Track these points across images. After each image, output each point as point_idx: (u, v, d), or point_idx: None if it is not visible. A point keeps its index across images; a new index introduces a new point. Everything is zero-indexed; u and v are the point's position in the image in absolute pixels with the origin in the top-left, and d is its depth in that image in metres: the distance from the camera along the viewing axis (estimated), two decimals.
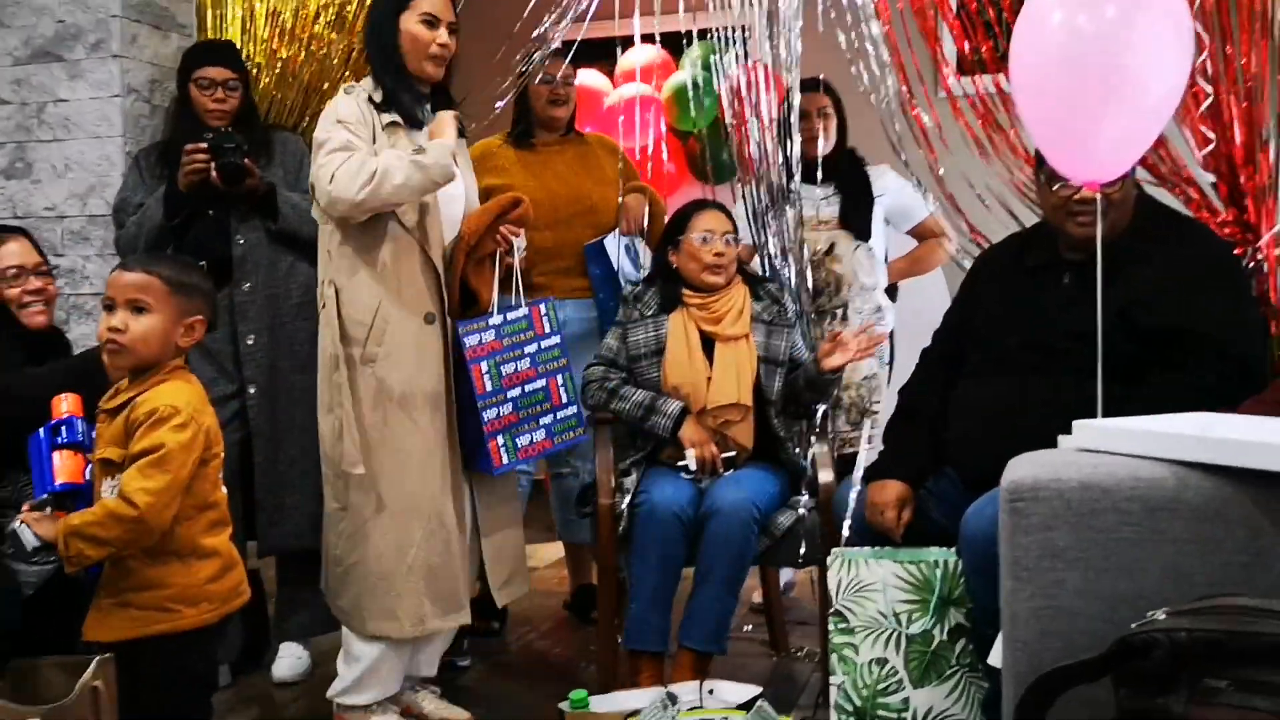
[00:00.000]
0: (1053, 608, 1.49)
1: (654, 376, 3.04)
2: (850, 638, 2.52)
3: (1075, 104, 1.74)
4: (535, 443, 2.83)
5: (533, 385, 2.83)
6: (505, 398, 2.77)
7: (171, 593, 2.06)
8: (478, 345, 2.75)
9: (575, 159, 3.59)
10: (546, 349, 2.88)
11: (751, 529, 2.84)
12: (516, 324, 2.83)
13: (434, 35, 2.73)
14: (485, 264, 2.81)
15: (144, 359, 2.10)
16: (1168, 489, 1.46)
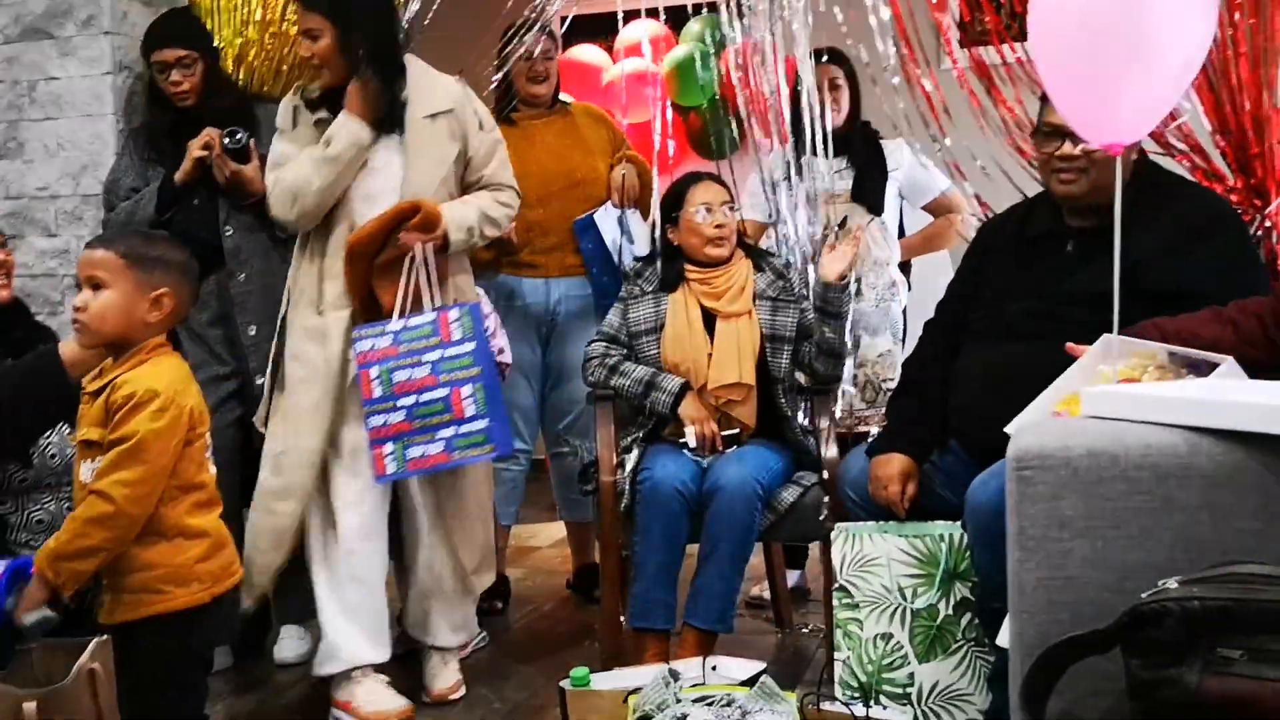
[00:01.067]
0: (1061, 578, 1.46)
1: (654, 353, 3.00)
2: (855, 613, 2.49)
3: (1096, 67, 1.70)
4: (429, 455, 2.70)
5: (431, 394, 2.70)
6: (396, 405, 2.69)
7: (161, 573, 2.03)
8: (369, 350, 2.72)
9: (561, 132, 3.55)
10: (453, 357, 2.72)
11: (755, 505, 2.81)
12: (418, 330, 2.72)
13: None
14: (393, 269, 2.75)
15: (107, 336, 2.06)
16: (1178, 456, 1.42)
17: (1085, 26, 1.70)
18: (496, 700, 2.91)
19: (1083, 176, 2.38)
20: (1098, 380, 1.99)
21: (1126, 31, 1.67)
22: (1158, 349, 1.95)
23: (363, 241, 2.72)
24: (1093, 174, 2.36)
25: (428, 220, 2.73)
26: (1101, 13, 1.68)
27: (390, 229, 2.72)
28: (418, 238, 2.73)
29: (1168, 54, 1.71)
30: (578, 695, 2.36)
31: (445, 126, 2.84)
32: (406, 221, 2.72)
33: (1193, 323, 2.10)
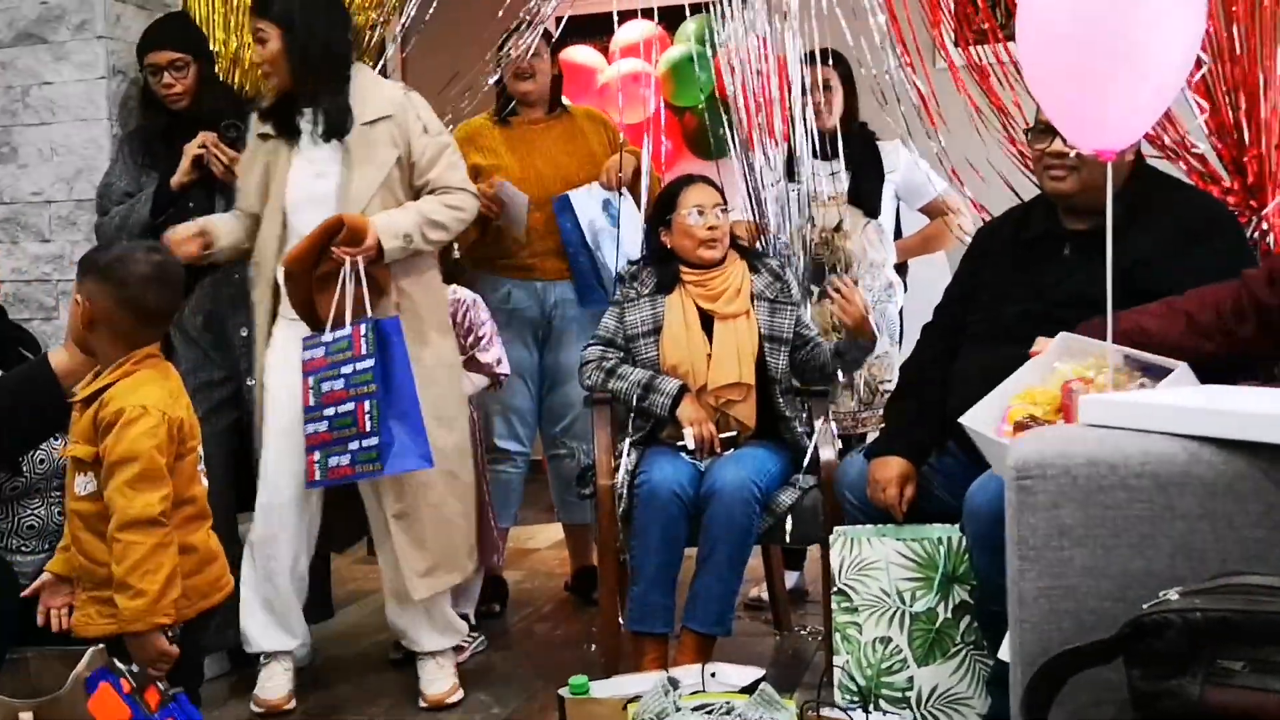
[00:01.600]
0: (1061, 587, 1.46)
1: (652, 355, 3.00)
2: (854, 616, 2.49)
3: (1084, 74, 1.70)
4: (340, 466, 2.73)
5: (344, 407, 2.73)
6: (322, 415, 2.75)
7: None
8: (310, 360, 2.78)
9: (561, 136, 3.55)
10: (360, 371, 2.72)
11: (753, 508, 2.81)
12: (340, 343, 2.75)
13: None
14: (332, 281, 2.77)
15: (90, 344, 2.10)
16: (1178, 464, 1.42)
17: (1073, 35, 1.70)
18: (495, 705, 2.90)
19: (1073, 174, 2.40)
20: (1053, 377, 2.03)
21: (1115, 39, 1.67)
22: (1114, 351, 1.97)
23: (298, 260, 2.75)
24: (1083, 172, 2.37)
25: (354, 234, 2.74)
26: (1089, 20, 1.68)
27: (322, 244, 2.75)
28: (348, 252, 2.74)
29: (1156, 61, 1.71)
30: (577, 703, 2.36)
31: (385, 132, 2.86)
32: (333, 237, 2.74)
33: (1145, 316, 2.13)
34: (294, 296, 2.80)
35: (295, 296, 2.79)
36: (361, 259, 2.74)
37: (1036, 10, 1.77)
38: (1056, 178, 2.44)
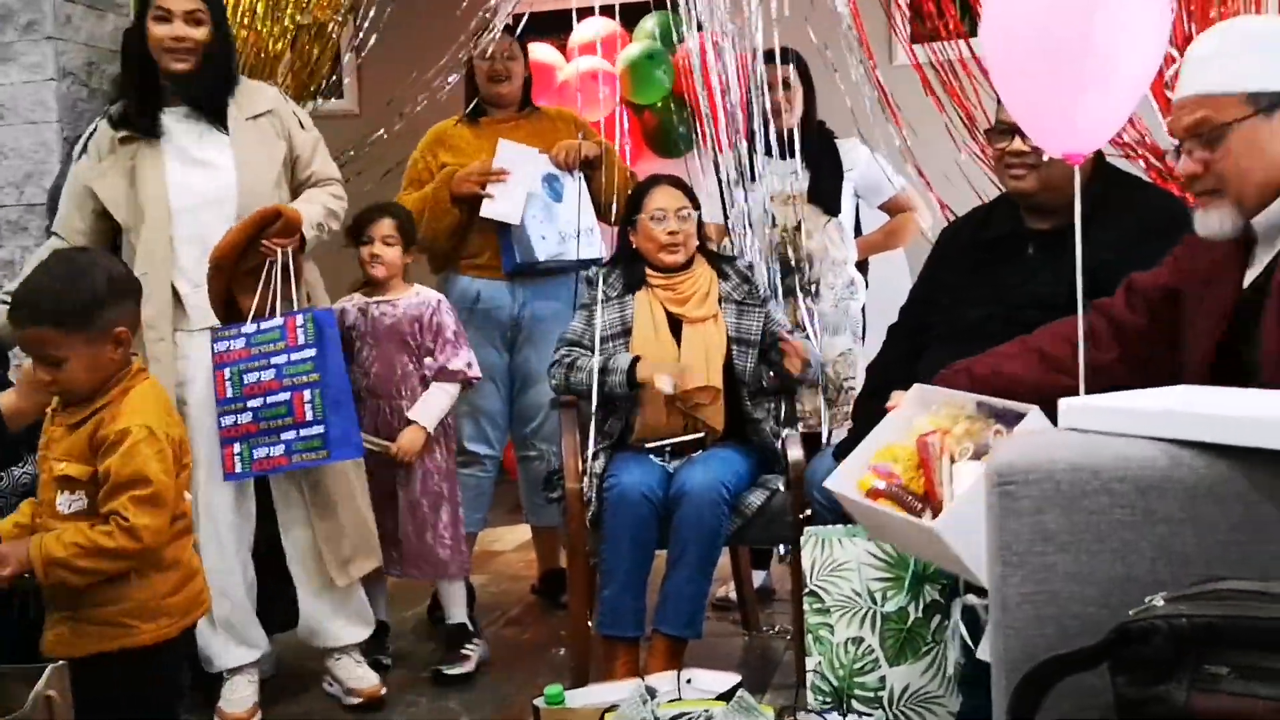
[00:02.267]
0: (1045, 592, 1.45)
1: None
2: (825, 618, 2.49)
3: (1052, 81, 1.71)
4: (272, 457, 2.74)
5: (275, 397, 2.73)
6: (245, 406, 2.74)
7: (128, 607, 1.97)
8: (224, 352, 2.75)
9: (531, 135, 3.52)
10: (296, 361, 2.74)
11: (722, 509, 2.80)
12: (268, 334, 2.75)
13: (168, 30, 2.75)
14: (256, 275, 2.77)
15: (88, 392, 2.00)
16: (1159, 468, 1.42)
17: (1040, 41, 1.70)
18: (465, 714, 2.88)
19: (1033, 172, 2.42)
20: (912, 432, 2.02)
21: (1081, 46, 1.68)
22: (967, 399, 1.97)
23: (227, 255, 2.71)
24: (1043, 170, 2.40)
25: (289, 225, 2.76)
26: (1056, 26, 1.69)
27: (253, 236, 2.73)
28: (282, 243, 2.75)
29: (1123, 67, 1.72)
30: (552, 714, 2.34)
31: (269, 126, 2.90)
32: (267, 228, 2.74)
33: (999, 359, 2.14)
34: (214, 291, 2.74)
35: (215, 291, 2.74)
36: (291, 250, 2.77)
37: (1003, 16, 1.78)
38: (1017, 176, 2.46)
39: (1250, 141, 1.77)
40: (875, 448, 2.06)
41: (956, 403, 2.02)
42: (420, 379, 3.15)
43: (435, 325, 3.15)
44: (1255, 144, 1.77)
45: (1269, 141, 1.77)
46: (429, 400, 3.11)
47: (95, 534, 1.91)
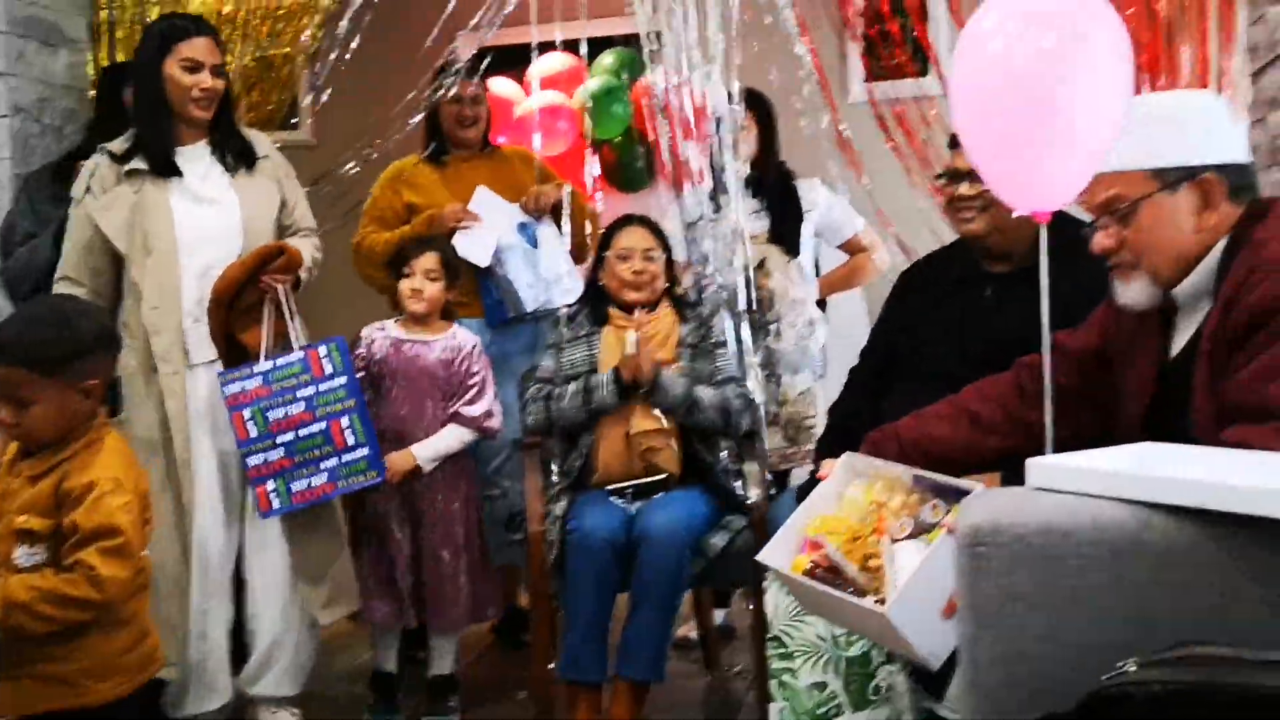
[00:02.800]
0: (1016, 654, 1.46)
1: None
2: (789, 663, 2.48)
3: (1019, 143, 1.74)
4: (315, 486, 2.80)
5: (309, 429, 2.80)
6: (274, 443, 2.78)
7: (81, 666, 1.93)
8: (239, 393, 2.78)
9: (490, 174, 3.52)
10: (327, 391, 2.83)
11: (685, 553, 2.80)
12: (288, 369, 2.81)
13: (196, 80, 2.81)
14: (254, 313, 2.81)
15: (50, 440, 1.97)
16: (1129, 531, 1.43)
17: (1006, 106, 1.73)
18: None
19: (981, 215, 2.47)
20: (847, 506, 2.00)
21: (1047, 111, 1.71)
22: (902, 471, 1.97)
23: (228, 289, 2.75)
24: (991, 212, 2.44)
25: (291, 262, 2.82)
26: (1021, 92, 1.72)
27: (254, 272, 2.78)
28: (282, 280, 2.81)
29: (1086, 129, 1.75)
30: None
31: (268, 170, 2.96)
32: (268, 263, 2.79)
33: (927, 421, 2.15)
34: (214, 326, 2.76)
35: (215, 326, 2.76)
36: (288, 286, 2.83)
37: (971, 78, 1.80)
38: (966, 219, 2.50)
39: (1158, 216, 1.81)
40: (807, 519, 2.02)
41: (891, 475, 2.00)
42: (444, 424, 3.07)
43: (465, 370, 3.08)
44: (1163, 218, 1.81)
45: (1176, 216, 1.81)
46: (436, 438, 3.03)
47: (60, 581, 1.88)
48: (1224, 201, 1.79)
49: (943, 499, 1.90)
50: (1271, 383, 1.62)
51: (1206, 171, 1.79)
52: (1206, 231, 1.80)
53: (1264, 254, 1.70)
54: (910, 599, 1.76)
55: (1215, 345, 1.73)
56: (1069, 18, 1.72)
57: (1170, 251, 1.82)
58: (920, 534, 1.88)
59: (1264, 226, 1.75)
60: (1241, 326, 1.68)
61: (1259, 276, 1.68)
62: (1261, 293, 1.66)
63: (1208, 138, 1.82)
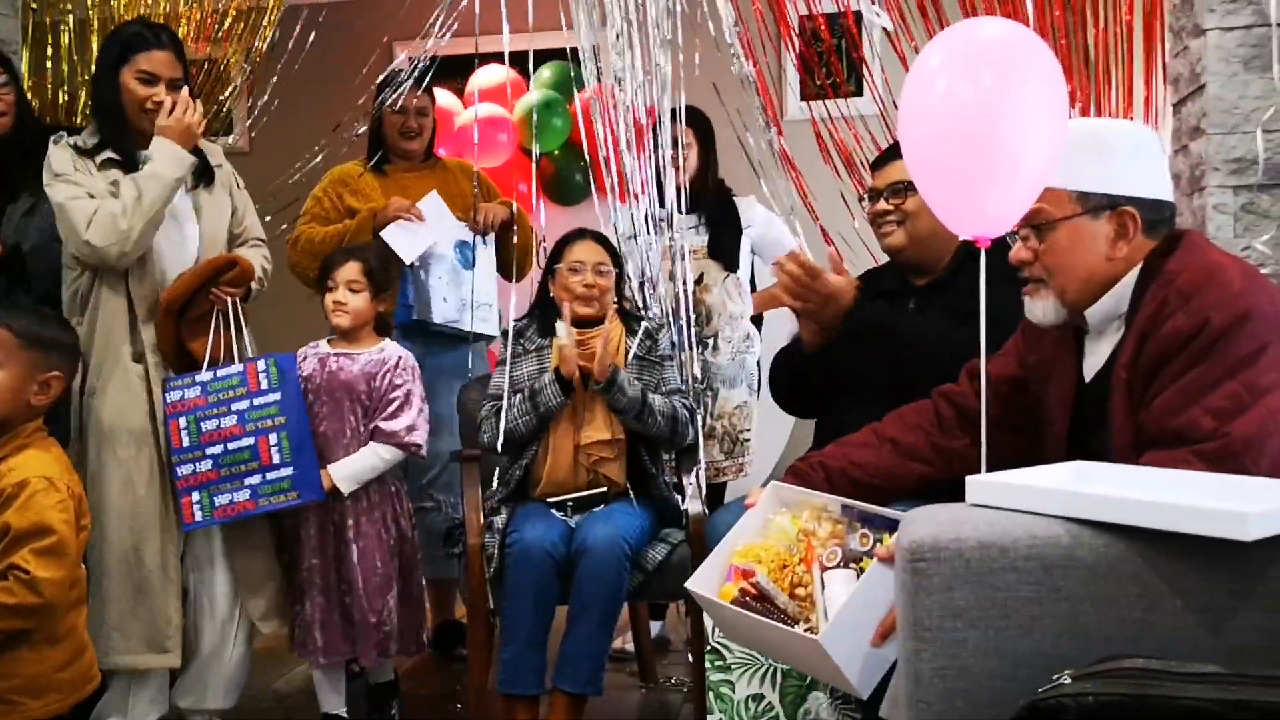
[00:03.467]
0: (955, 667, 1.50)
1: None
2: (727, 675, 2.51)
3: (962, 175, 1.80)
4: (236, 503, 2.79)
5: (238, 443, 2.80)
6: (204, 454, 2.77)
7: (16, 684, 1.90)
8: (178, 401, 2.78)
9: (433, 186, 3.52)
10: (260, 406, 2.83)
11: (624, 565, 2.81)
12: (227, 380, 2.81)
13: (150, 93, 2.79)
14: (204, 322, 2.82)
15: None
16: (1063, 546, 1.49)
17: (951, 142, 1.80)
18: None
19: (899, 228, 2.57)
20: (775, 535, 2.03)
21: (988, 146, 1.78)
22: (829, 501, 2.02)
23: (178, 298, 2.76)
24: (909, 225, 2.55)
25: (243, 275, 2.84)
26: (965, 130, 1.79)
27: (205, 283, 2.79)
28: (231, 292, 2.83)
29: (1027, 159, 1.82)
30: None
31: (220, 179, 2.95)
32: (220, 275, 2.80)
33: (851, 449, 2.21)
34: (163, 335, 2.76)
35: (165, 335, 2.76)
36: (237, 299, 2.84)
37: (918, 118, 1.86)
38: (886, 233, 2.60)
39: (1075, 239, 1.88)
40: (734, 548, 2.04)
41: (818, 504, 2.03)
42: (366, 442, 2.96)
43: (387, 384, 2.97)
44: (1079, 242, 1.88)
45: (1092, 241, 1.88)
46: (354, 457, 2.92)
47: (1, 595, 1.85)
48: (1139, 234, 1.87)
49: (870, 528, 1.94)
50: (1183, 411, 1.70)
51: (1128, 204, 1.86)
52: (1118, 260, 1.87)
53: (1175, 286, 1.78)
54: (843, 627, 1.80)
55: (1132, 375, 1.81)
56: (1007, 56, 1.79)
57: (1080, 273, 1.89)
58: (849, 563, 1.91)
59: (1176, 259, 1.83)
60: (1155, 358, 1.76)
61: (1171, 309, 1.76)
62: (1174, 325, 1.74)
63: (1134, 170, 1.89)
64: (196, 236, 2.87)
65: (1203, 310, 1.72)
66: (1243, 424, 1.65)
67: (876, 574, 1.80)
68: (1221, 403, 1.67)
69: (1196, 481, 1.59)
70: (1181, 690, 1.30)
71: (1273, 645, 1.43)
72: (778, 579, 1.97)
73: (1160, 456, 1.69)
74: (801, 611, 1.93)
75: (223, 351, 2.83)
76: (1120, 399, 1.83)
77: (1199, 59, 2.68)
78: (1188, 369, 1.72)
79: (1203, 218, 2.66)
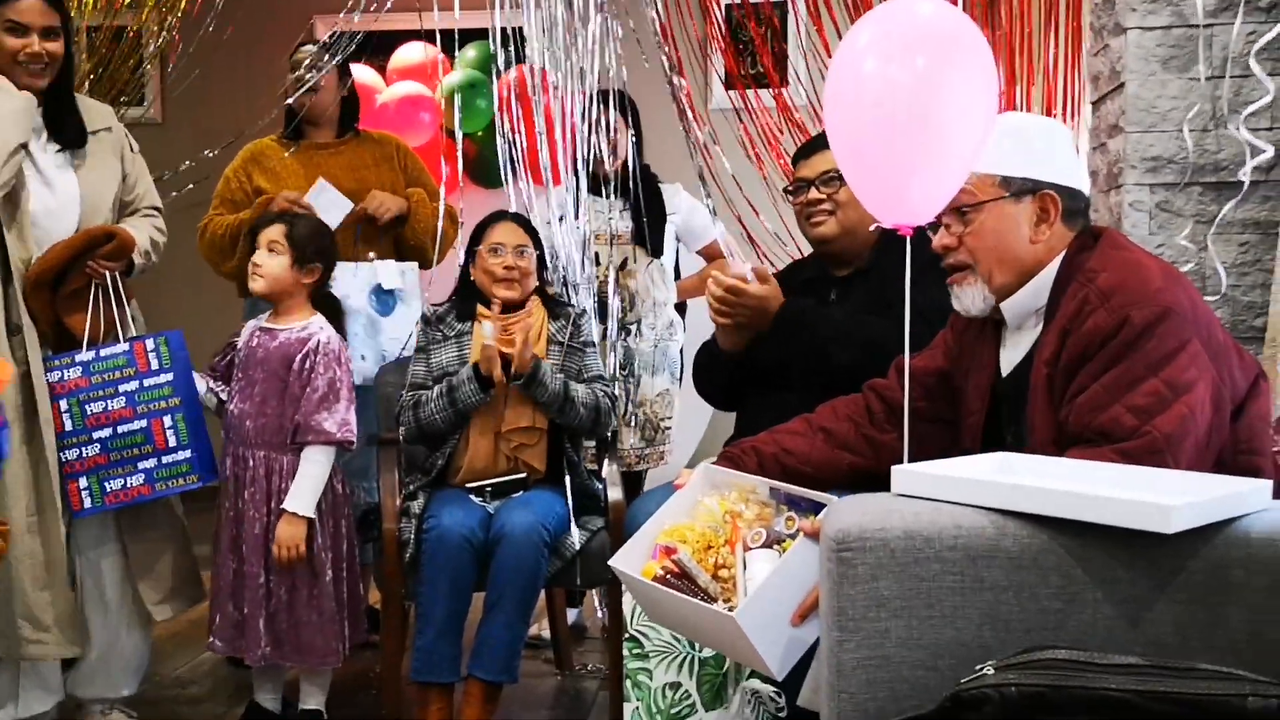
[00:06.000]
0: (878, 658, 1.50)
1: None
2: (644, 663, 2.50)
3: (889, 158, 1.79)
4: (130, 487, 2.69)
5: (128, 426, 2.69)
6: (90, 438, 2.67)
7: None
8: (59, 382, 2.65)
9: (350, 162, 3.42)
10: (151, 387, 2.72)
11: (542, 552, 2.79)
12: (112, 360, 2.70)
13: (22, 43, 2.63)
14: (81, 297, 2.69)
15: None
16: (987, 537, 1.49)
17: (880, 125, 1.79)
18: None
19: (830, 217, 2.57)
20: (702, 516, 2.02)
21: (917, 128, 1.77)
22: (758, 483, 2.02)
23: (48, 270, 2.61)
24: (839, 214, 2.55)
25: (122, 248, 2.70)
26: (893, 110, 1.77)
27: (78, 255, 2.65)
28: (109, 266, 2.69)
29: (955, 146, 1.81)
30: None
31: (109, 143, 2.81)
32: (96, 248, 2.66)
33: (784, 437, 2.23)
34: (35, 310, 2.61)
35: (38, 310, 2.62)
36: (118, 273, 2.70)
37: (844, 99, 1.85)
38: (817, 223, 2.59)
39: (999, 221, 1.91)
40: (660, 528, 2.03)
41: (747, 486, 2.03)
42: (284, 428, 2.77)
43: (308, 370, 2.75)
44: (1003, 224, 1.91)
45: (1015, 224, 1.90)
46: (300, 480, 2.71)
47: None
48: (1059, 221, 1.90)
49: (797, 511, 1.93)
50: (1106, 408, 1.72)
51: (1048, 189, 1.89)
52: (1041, 245, 1.90)
53: (1095, 285, 1.80)
54: (760, 605, 1.78)
55: (1052, 371, 1.83)
56: (940, 38, 1.78)
57: (1005, 256, 1.91)
58: (773, 544, 1.90)
59: (1095, 257, 1.86)
60: (1076, 355, 1.78)
61: (1091, 307, 1.78)
62: (1094, 322, 1.76)
63: (1053, 159, 1.93)
64: (77, 200, 2.72)
65: (1123, 308, 1.74)
66: (1164, 421, 1.67)
67: (798, 553, 1.79)
68: (1143, 400, 1.69)
69: (1119, 474, 1.61)
70: (1102, 681, 1.31)
71: (1189, 636, 1.45)
72: (702, 560, 1.95)
73: (1082, 453, 1.71)
74: (723, 592, 1.92)
75: (103, 329, 2.69)
76: (1039, 395, 1.85)
77: (1119, 57, 2.72)
78: (1109, 366, 1.74)
79: (1119, 215, 2.70)
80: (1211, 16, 2.58)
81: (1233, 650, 1.43)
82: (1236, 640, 1.45)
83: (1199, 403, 1.69)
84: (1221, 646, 1.44)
